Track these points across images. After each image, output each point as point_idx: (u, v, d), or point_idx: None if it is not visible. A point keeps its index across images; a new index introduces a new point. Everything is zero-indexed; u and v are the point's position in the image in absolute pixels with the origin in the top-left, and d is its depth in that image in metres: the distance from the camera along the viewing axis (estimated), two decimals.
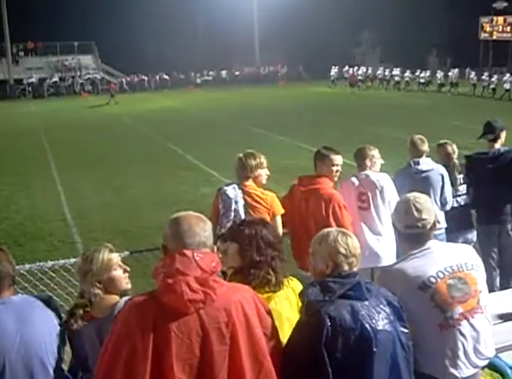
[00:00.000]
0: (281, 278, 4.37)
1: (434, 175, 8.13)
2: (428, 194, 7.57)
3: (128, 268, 4.52)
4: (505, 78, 49.35)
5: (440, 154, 8.63)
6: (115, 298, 4.36)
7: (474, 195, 8.46)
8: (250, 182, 7.07)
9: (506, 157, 8.12)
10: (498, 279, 8.25)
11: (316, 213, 7.00)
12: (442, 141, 8.85)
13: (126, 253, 6.26)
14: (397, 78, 61.36)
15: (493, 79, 50.85)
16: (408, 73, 60.29)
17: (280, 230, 7.03)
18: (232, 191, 6.94)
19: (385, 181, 7.55)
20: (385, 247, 7.34)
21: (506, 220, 8.26)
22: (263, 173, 7.19)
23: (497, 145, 8.25)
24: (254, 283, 4.19)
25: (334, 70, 66.88)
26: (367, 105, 44.39)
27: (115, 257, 4.47)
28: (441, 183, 8.11)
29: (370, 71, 66.18)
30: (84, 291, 4.41)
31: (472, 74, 55.05)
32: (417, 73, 59.95)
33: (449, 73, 55.62)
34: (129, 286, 4.47)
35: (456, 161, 8.60)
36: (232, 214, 6.83)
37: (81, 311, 4.34)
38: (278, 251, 4.46)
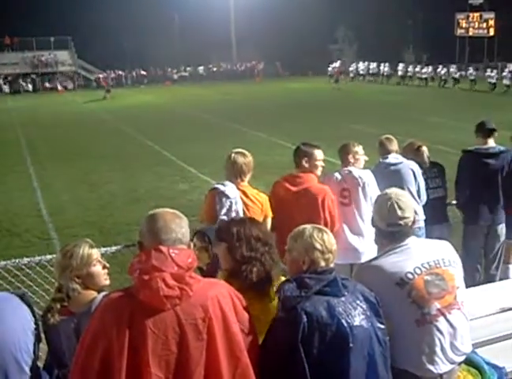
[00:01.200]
0: (270, 274, 4.30)
1: (404, 168, 8.11)
2: (402, 187, 7.61)
3: (107, 264, 4.50)
4: (504, 73, 50.29)
5: (408, 154, 8.59)
6: (93, 293, 4.33)
7: (464, 192, 8.43)
8: (245, 183, 6.89)
9: (506, 156, 8.15)
10: (478, 279, 8.23)
11: (310, 211, 6.95)
12: (407, 142, 8.89)
13: (103, 249, 6.21)
14: (400, 73, 62.34)
15: (493, 74, 51.60)
16: (410, 68, 61.18)
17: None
18: (232, 191, 6.65)
19: (367, 177, 7.51)
20: (365, 243, 7.30)
21: (497, 220, 8.28)
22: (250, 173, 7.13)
23: (492, 143, 8.27)
24: (250, 281, 4.17)
25: (335, 65, 67.33)
26: (349, 101, 44.42)
27: (95, 253, 4.45)
28: (413, 176, 8.09)
29: (372, 66, 66.45)
30: (61, 286, 4.38)
31: (471, 69, 55.55)
32: (417, 69, 60.91)
33: (451, 69, 56.71)
34: (107, 282, 4.45)
35: (425, 156, 8.64)
36: (233, 214, 6.48)
37: (58, 305, 4.32)
38: (269, 245, 4.41)
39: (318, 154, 7.21)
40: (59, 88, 68.34)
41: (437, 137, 23.20)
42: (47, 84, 69.29)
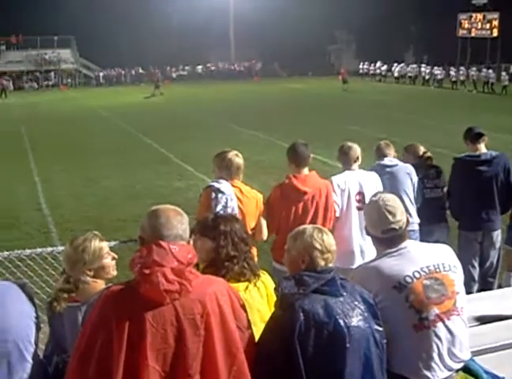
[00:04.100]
0: (255, 271, 4.46)
1: (400, 170, 8.15)
2: (397, 189, 7.69)
3: (116, 256, 4.55)
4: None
5: (409, 154, 8.64)
6: (102, 284, 4.37)
7: (457, 200, 8.34)
8: (239, 180, 6.87)
9: (499, 161, 8.05)
10: (475, 288, 8.12)
11: (323, 208, 6.99)
12: (407, 144, 8.92)
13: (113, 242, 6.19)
14: (396, 74, 62.72)
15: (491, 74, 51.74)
16: (439, 71, 59.67)
17: (266, 230, 6.95)
18: (227, 188, 6.63)
19: (377, 181, 7.53)
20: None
21: (492, 227, 8.17)
22: None
23: (484, 148, 8.19)
24: (228, 276, 4.25)
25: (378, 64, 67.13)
26: (347, 102, 44.07)
27: (105, 246, 4.49)
28: (409, 179, 8.11)
29: (408, 68, 65.27)
30: (70, 277, 4.41)
31: (484, 71, 54.46)
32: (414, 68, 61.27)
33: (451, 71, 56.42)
34: (115, 272, 4.50)
35: (426, 156, 8.68)
36: (229, 211, 6.46)
37: (66, 295, 4.34)
38: (249, 246, 4.56)
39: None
40: (61, 85, 68.62)
41: (434, 140, 23.15)
42: (50, 82, 69.53)
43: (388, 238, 4.37)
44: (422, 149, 8.73)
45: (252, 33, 74.94)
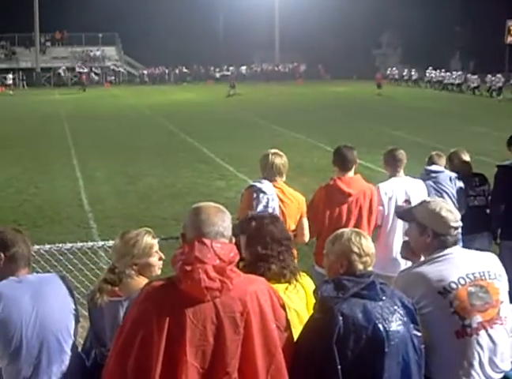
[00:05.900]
0: (295, 272, 4.41)
1: (444, 176, 8.15)
2: (440, 192, 7.79)
3: (163, 257, 4.58)
4: None
5: (453, 161, 8.58)
6: (146, 280, 4.36)
7: (500, 209, 8.17)
8: (281, 181, 6.89)
9: None
10: None
11: (366, 211, 6.98)
12: (453, 149, 8.84)
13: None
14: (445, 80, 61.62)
15: None
16: (475, 77, 57.57)
17: (307, 232, 6.93)
18: (269, 188, 6.66)
19: (424, 189, 7.50)
20: None
21: None
22: None
23: None
24: (268, 276, 4.21)
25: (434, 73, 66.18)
26: (391, 107, 43.66)
27: (156, 244, 4.55)
28: (453, 184, 8.09)
29: (453, 75, 63.95)
30: (115, 267, 4.47)
31: None
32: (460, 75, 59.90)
33: (494, 78, 54.56)
34: (159, 272, 4.55)
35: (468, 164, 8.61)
36: (270, 211, 6.44)
37: (109, 287, 4.38)
38: (285, 246, 4.44)
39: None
40: (105, 82, 69.64)
41: (479, 148, 22.88)
42: (94, 78, 70.37)
43: (443, 240, 4.31)
44: (464, 155, 8.65)
45: (296, 35, 74.79)
